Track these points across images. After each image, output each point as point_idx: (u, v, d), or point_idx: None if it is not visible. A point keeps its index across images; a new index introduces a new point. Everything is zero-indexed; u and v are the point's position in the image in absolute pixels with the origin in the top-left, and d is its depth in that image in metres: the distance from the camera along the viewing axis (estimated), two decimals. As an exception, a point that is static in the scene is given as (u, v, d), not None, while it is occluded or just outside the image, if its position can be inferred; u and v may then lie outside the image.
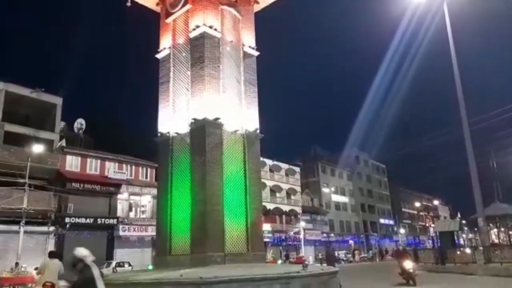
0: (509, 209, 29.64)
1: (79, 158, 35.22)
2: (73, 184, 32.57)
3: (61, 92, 35.75)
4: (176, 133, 17.28)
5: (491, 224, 48.44)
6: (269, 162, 49.73)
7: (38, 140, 31.43)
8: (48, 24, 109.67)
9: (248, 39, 18.89)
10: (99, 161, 36.39)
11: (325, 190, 62.51)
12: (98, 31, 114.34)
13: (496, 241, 38.98)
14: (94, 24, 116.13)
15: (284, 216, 51.54)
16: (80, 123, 39.11)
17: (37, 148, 28.15)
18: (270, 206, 48.21)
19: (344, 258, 49.70)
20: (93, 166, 35.98)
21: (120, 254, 33.55)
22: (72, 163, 34.64)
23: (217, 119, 16.17)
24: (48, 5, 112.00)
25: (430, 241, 59.03)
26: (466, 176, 24.03)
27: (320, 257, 44.42)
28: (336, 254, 37.84)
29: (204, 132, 15.78)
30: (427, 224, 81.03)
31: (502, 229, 41.95)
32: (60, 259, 11.18)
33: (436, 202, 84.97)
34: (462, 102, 24.02)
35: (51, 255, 12.05)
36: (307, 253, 48.61)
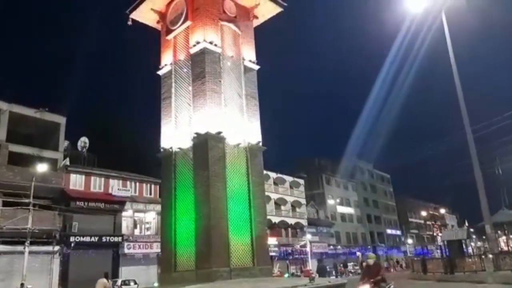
0: (517, 215, 29.31)
1: (83, 176, 35.21)
2: (78, 202, 32.48)
3: (65, 111, 35.99)
4: (179, 148, 17.35)
5: (499, 232, 47.86)
6: (273, 175, 49.56)
7: (42, 159, 31.49)
8: (51, 42, 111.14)
9: (249, 54, 19.09)
10: (103, 178, 36.36)
11: (330, 201, 62.14)
12: (100, 49, 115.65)
13: (505, 248, 38.45)
14: (96, 42, 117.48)
15: (289, 229, 51.15)
16: (83, 142, 39.18)
17: (41, 168, 28.17)
18: (275, 219, 47.87)
19: (352, 270, 49.08)
20: (97, 184, 35.94)
21: (125, 272, 33.25)
22: (76, 181, 34.62)
23: (219, 133, 16.25)
24: (51, 23, 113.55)
25: (438, 251, 58.34)
26: (472, 184, 23.80)
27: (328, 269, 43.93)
28: (327, 267, 37.39)
29: (206, 146, 15.85)
30: (434, 234, 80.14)
31: (511, 236, 41.46)
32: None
33: (442, 211, 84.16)
34: (464, 108, 23.94)
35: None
36: (314, 266, 48.07)
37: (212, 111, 16.43)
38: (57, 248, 27.96)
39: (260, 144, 17.92)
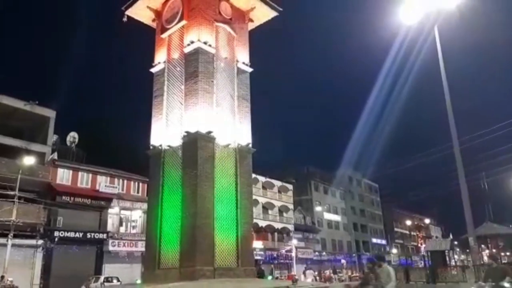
0: (500, 229, 29.74)
1: (71, 172, 34.93)
2: (64, 197, 32.19)
3: (55, 105, 35.72)
4: (169, 146, 17.38)
5: (482, 245, 48.45)
6: (262, 179, 49.63)
7: (29, 152, 31.20)
8: (42, 37, 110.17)
9: (242, 56, 19.23)
10: (90, 174, 36.09)
11: (318, 208, 62.34)
12: (93, 45, 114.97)
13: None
14: (88, 38, 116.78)
15: (276, 234, 51.19)
16: (73, 137, 38.88)
17: (29, 161, 27.90)
18: (262, 223, 47.90)
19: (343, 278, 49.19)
20: (84, 180, 35.67)
21: (108, 269, 32.97)
22: (63, 176, 34.33)
23: (209, 132, 16.32)
24: (43, 18, 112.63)
25: (422, 262, 58.88)
26: (458, 197, 24.11)
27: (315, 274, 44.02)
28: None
29: (196, 145, 15.91)
30: (419, 244, 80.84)
31: (494, 250, 42.00)
32: None
33: (427, 221, 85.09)
34: (452, 121, 24.29)
35: None
36: (298, 271, 48.09)
37: (204, 111, 16.51)
38: (40, 242, 27.66)
39: (250, 146, 18.03)
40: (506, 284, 7.57)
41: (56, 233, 30.30)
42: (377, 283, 9.11)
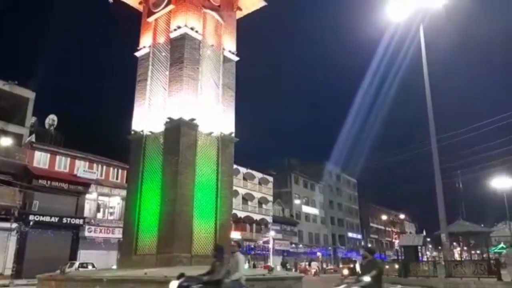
0: (472, 227, 30.56)
1: (48, 155, 34.31)
2: (40, 181, 31.63)
3: (35, 86, 34.92)
4: (150, 132, 17.22)
5: (454, 243, 49.79)
6: (243, 170, 49.79)
7: (6, 133, 30.50)
8: (24, 17, 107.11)
9: (229, 44, 19.13)
10: (69, 159, 35.53)
11: (297, 201, 62.97)
12: (76, 27, 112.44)
13: (459, 259, 40.12)
14: (72, 20, 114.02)
15: (254, 225, 51.56)
16: (52, 119, 38.12)
17: (5, 142, 27.28)
18: (241, 214, 48.16)
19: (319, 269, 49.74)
20: (62, 164, 35.10)
21: (84, 255, 32.65)
22: (40, 159, 33.70)
23: (192, 119, 16.23)
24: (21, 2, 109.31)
25: (396, 256, 60.22)
26: (434, 195, 24.70)
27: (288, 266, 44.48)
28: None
29: (178, 132, 15.80)
30: (393, 240, 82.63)
31: (465, 248, 43.21)
32: None
33: (402, 216, 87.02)
34: (432, 119, 24.80)
35: None
36: (275, 263, 48.62)
37: (187, 97, 16.39)
38: (14, 225, 27.12)
39: (233, 135, 18.02)
40: (366, 278, 7.17)
41: (31, 217, 29.80)
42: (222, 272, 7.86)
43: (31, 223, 28.43)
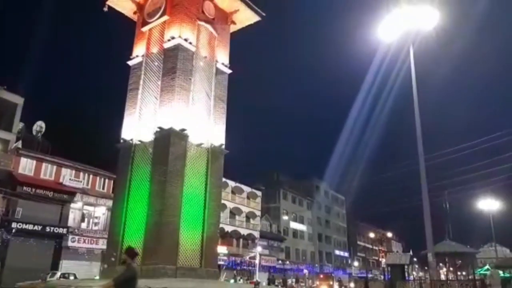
0: (458, 247, 30.70)
1: (34, 162, 33.78)
2: (25, 188, 31.05)
3: (23, 92, 34.59)
4: (140, 141, 17.09)
5: (440, 264, 49.85)
6: (231, 183, 49.51)
7: (-8, 138, 30.07)
8: (14, 22, 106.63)
9: (222, 57, 19.23)
10: (55, 166, 35.01)
11: (285, 217, 62.69)
12: (67, 34, 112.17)
13: (445, 279, 40.12)
14: (62, 26, 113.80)
15: (241, 240, 51.06)
16: (39, 126, 37.66)
17: (-10, 147, 26.76)
18: (228, 228, 47.68)
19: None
20: (48, 171, 34.56)
21: (66, 265, 31.92)
22: (26, 166, 33.15)
23: (183, 130, 16.16)
24: (15, 3, 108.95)
25: (382, 276, 60.03)
26: (420, 214, 24.79)
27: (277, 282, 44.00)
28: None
29: (168, 142, 15.71)
30: (380, 259, 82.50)
31: (451, 268, 43.27)
32: None
33: (389, 235, 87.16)
34: (420, 138, 25.00)
35: None
36: (261, 279, 48.08)
37: (179, 108, 16.35)
38: (-4, 232, 26.55)
39: (223, 147, 17.97)
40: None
41: (14, 224, 29.19)
42: None
43: (13, 230, 27.85)
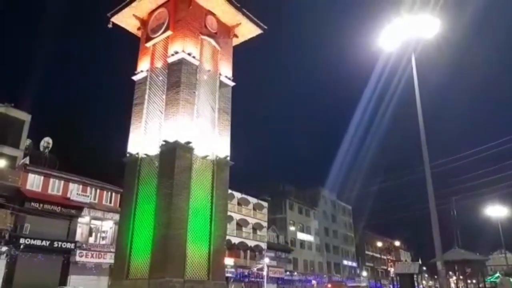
0: (467, 255, 30.41)
1: (42, 177, 34.05)
2: (33, 203, 31.25)
3: (30, 108, 35.06)
4: (146, 154, 17.27)
5: (450, 272, 49.30)
6: (237, 195, 49.50)
7: (0, 155, 30.39)
8: (20, 39, 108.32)
9: (225, 70, 19.48)
10: (62, 181, 35.25)
11: (292, 227, 62.42)
12: (71, 50, 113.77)
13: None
14: (68, 44, 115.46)
15: (248, 252, 50.85)
16: (47, 142, 38.02)
17: (-1, 164, 27.06)
18: (235, 240, 47.55)
19: None
20: (55, 187, 34.79)
21: (74, 280, 31.94)
22: (34, 182, 33.42)
23: (188, 143, 16.32)
24: (22, 18, 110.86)
25: (391, 286, 59.43)
26: (428, 222, 24.69)
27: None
28: None
29: (174, 155, 15.86)
30: (388, 268, 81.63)
31: (461, 277, 42.77)
32: None
33: (397, 243, 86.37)
34: (425, 146, 24.97)
35: None
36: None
37: (183, 121, 16.54)
38: (4, 248, 26.68)
39: (228, 158, 18.10)
40: None
41: (22, 240, 29.30)
42: None
43: (21, 246, 27.98)
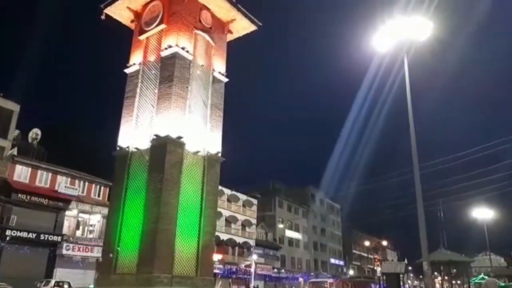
0: (453, 256, 30.72)
1: (30, 169, 33.62)
2: (20, 195, 30.87)
3: (19, 99, 34.54)
4: (136, 148, 17.13)
5: (436, 273, 49.87)
6: (227, 191, 49.40)
7: (-13, 145, 29.94)
8: (11, 30, 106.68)
9: (219, 65, 19.38)
10: (50, 174, 34.85)
11: (280, 225, 62.52)
12: (62, 41, 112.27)
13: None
14: (59, 34, 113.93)
15: (237, 248, 50.81)
16: (35, 133, 37.54)
17: (-15, 154, 26.62)
18: (224, 236, 47.47)
19: None
20: (43, 179, 34.39)
21: (60, 273, 31.63)
22: (21, 173, 32.99)
23: (179, 137, 16.22)
24: (9, 10, 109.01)
25: (377, 286, 59.95)
26: (415, 222, 24.94)
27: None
28: None
29: (165, 150, 15.76)
30: (375, 267, 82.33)
31: (446, 277, 43.28)
32: None
33: (384, 243, 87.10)
34: (415, 147, 25.17)
35: None
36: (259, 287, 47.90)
37: (175, 115, 16.44)
38: (-11, 240, 26.35)
39: (219, 155, 18.04)
40: None
41: (8, 232, 28.96)
42: None
43: (7, 238, 27.63)
